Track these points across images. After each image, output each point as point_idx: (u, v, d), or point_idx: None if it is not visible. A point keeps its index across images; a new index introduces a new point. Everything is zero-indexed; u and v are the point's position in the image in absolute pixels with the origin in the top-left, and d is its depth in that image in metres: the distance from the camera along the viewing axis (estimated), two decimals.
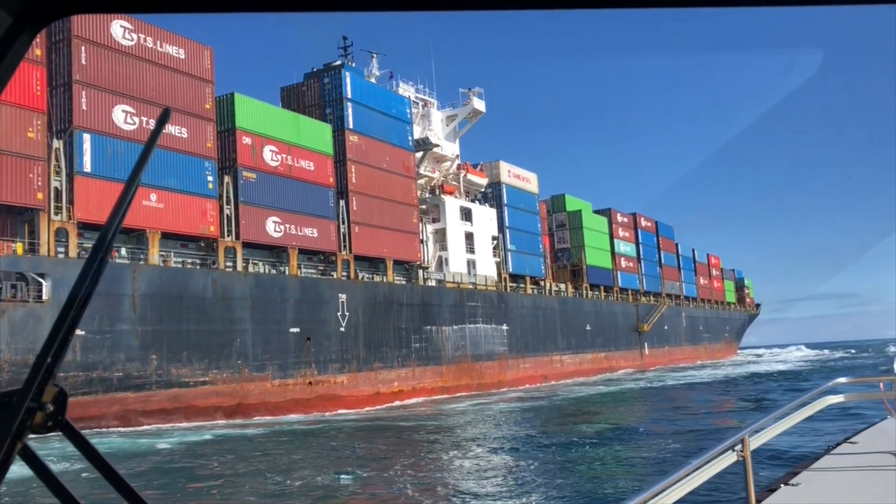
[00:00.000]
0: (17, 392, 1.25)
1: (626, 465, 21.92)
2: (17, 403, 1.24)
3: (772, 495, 7.60)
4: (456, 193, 66.51)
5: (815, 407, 9.24)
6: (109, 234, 1.34)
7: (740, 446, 6.41)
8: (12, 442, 1.23)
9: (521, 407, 46.15)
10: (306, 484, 20.46)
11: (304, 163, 47.15)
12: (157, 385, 37.04)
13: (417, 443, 30.73)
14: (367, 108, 53.32)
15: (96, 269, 1.33)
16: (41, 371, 1.26)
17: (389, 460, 24.73)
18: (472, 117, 70.64)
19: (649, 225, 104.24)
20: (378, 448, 29.44)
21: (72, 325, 1.29)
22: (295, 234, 45.96)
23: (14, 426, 1.23)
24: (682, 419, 34.44)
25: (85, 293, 1.31)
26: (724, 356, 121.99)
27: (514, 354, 66.70)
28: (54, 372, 1.27)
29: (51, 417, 1.29)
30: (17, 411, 1.24)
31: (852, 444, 10.46)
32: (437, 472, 22.33)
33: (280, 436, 33.64)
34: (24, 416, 1.24)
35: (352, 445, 30.35)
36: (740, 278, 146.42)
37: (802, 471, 8.81)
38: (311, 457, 26.66)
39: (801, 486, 7.95)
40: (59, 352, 1.28)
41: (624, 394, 54.82)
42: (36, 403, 1.26)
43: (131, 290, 36.49)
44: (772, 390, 48.15)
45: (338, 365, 47.72)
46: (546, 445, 26.82)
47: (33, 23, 1.37)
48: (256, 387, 42.10)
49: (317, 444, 30.53)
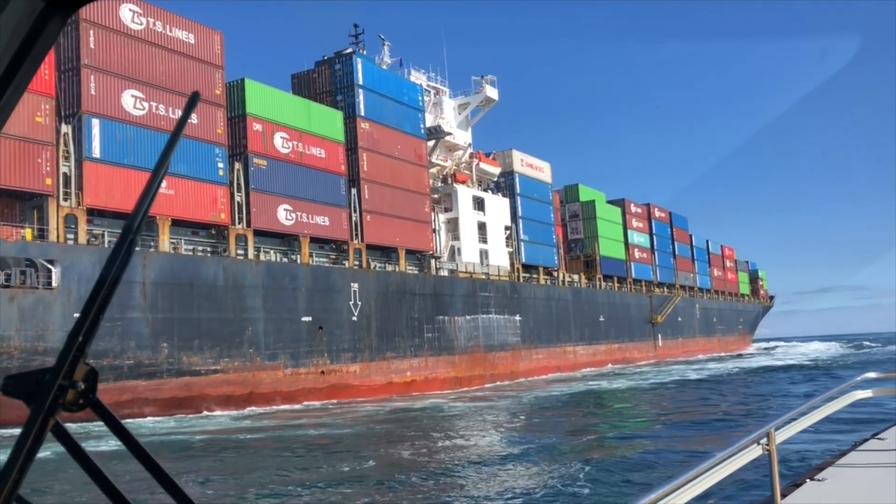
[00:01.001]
0: (49, 370, 1.27)
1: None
2: (50, 381, 1.27)
3: (797, 490, 7.45)
4: (468, 183, 65.79)
5: (842, 402, 9.03)
6: (138, 219, 1.36)
7: (766, 440, 6.38)
8: (45, 419, 1.26)
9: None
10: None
11: (316, 150, 46.56)
12: (168, 373, 36.61)
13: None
14: (379, 95, 52.65)
15: (126, 252, 1.36)
16: (73, 350, 1.28)
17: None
18: (484, 105, 69.84)
19: (663, 216, 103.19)
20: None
21: (102, 305, 1.33)
22: (306, 223, 45.41)
23: (47, 403, 1.26)
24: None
25: (115, 275, 1.35)
26: (737, 348, 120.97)
27: (527, 345, 66.06)
28: (85, 351, 1.29)
29: (82, 395, 1.31)
30: (49, 389, 1.26)
31: (880, 441, 10.13)
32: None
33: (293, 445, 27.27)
34: (56, 394, 1.27)
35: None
36: (754, 270, 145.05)
37: (828, 466, 8.60)
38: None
39: (827, 482, 7.77)
40: (90, 331, 1.30)
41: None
42: (68, 381, 1.28)
43: (142, 278, 36.03)
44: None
45: (350, 354, 47.21)
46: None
47: (64, 8, 1.37)
48: (268, 375, 41.64)
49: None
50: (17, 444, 1.26)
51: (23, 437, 1.25)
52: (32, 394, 1.29)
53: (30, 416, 1.26)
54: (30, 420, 1.26)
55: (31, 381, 1.30)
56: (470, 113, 69.69)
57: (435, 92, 66.90)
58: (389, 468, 20.64)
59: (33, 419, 1.26)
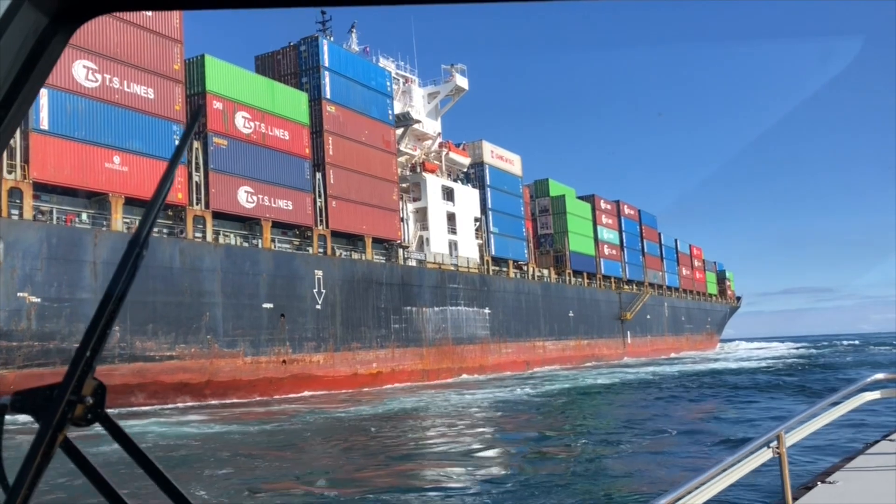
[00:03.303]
0: (57, 386, 1.28)
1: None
2: (58, 397, 1.27)
3: (808, 493, 7.47)
4: (437, 172, 64.59)
5: (852, 403, 8.97)
6: (144, 231, 1.34)
7: (776, 443, 6.37)
8: (54, 434, 1.26)
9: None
10: None
11: (279, 131, 45.02)
12: (121, 358, 34.77)
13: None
14: (346, 78, 51.22)
15: (132, 265, 1.34)
16: (80, 365, 1.28)
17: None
18: (454, 94, 68.70)
19: (632, 213, 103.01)
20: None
21: (109, 319, 1.32)
22: (268, 206, 43.82)
23: (55, 419, 1.26)
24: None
25: (122, 288, 1.34)
26: (705, 347, 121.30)
27: (496, 339, 64.99)
28: (93, 366, 1.30)
29: (90, 410, 1.31)
30: (57, 404, 1.27)
31: (891, 442, 10.20)
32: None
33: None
34: (64, 409, 1.27)
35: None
36: (721, 270, 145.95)
37: (839, 469, 8.65)
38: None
39: (838, 485, 7.78)
40: (98, 346, 1.30)
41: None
42: (76, 396, 1.29)
43: (92, 257, 34.21)
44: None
45: (314, 343, 45.67)
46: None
47: (69, 23, 1.37)
48: (227, 363, 39.95)
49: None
50: (26, 459, 1.24)
51: (32, 453, 1.24)
52: (41, 409, 1.27)
53: (38, 432, 1.25)
54: (39, 435, 1.25)
55: (39, 397, 1.29)
56: (440, 102, 68.53)
57: (404, 80, 65.62)
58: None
59: (42, 434, 1.25)
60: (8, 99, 1.33)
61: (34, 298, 31.66)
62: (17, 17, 1.28)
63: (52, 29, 1.35)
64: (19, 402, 1.30)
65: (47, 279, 32.29)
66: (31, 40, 1.33)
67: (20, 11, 1.29)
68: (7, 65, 1.31)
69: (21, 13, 1.29)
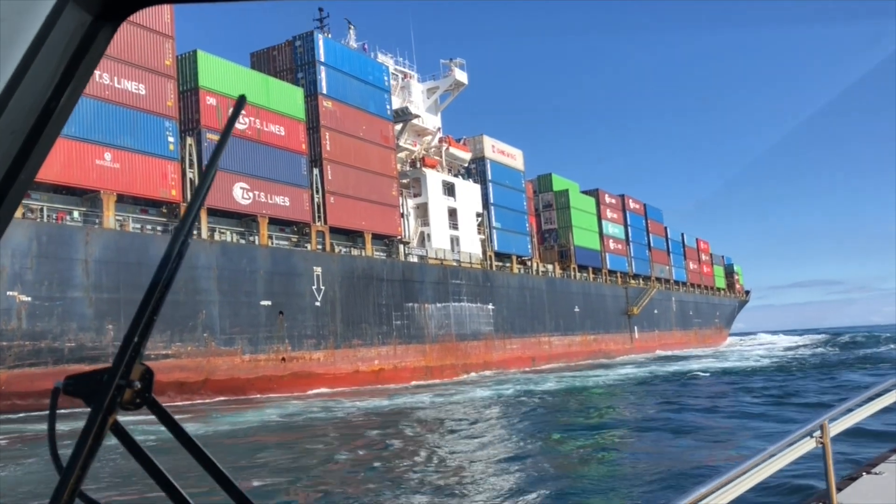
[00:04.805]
0: (107, 370, 1.33)
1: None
2: (108, 381, 1.32)
3: (853, 483, 7.39)
4: (438, 168, 63.97)
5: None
6: (189, 219, 1.40)
7: (819, 432, 6.29)
8: (104, 418, 1.30)
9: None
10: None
11: (275, 127, 44.50)
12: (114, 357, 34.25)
13: None
14: (342, 73, 50.68)
15: (178, 253, 1.40)
16: (129, 350, 1.33)
17: None
18: (454, 89, 68.02)
19: (638, 207, 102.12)
20: None
21: (156, 306, 1.37)
22: (265, 202, 43.31)
23: (105, 402, 1.31)
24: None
25: (168, 276, 1.38)
26: (714, 342, 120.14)
27: (500, 335, 64.31)
28: (141, 351, 1.34)
29: (139, 395, 1.35)
30: (107, 388, 1.31)
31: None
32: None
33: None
34: (114, 393, 1.31)
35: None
36: (729, 264, 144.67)
37: (885, 460, 8.54)
38: None
39: (884, 476, 7.70)
40: (145, 332, 1.35)
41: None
42: (125, 381, 1.33)
43: (84, 255, 33.78)
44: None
45: (313, 341, 45.12)
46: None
47: (112, 20, 1.40)
48: (224, 362, 39.48)
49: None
50: (78, 442, 1.29)
51: (83, 436, 1.29)
52: (92, 393, 1.31)
53: (90, 415, 1.30)
54: (90, 419, 1.30)
55: (90, 381, 1.33)
56: (439, 97, 67.90)
57: (403, 76, 65.05)
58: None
59: (93, 418, 1.29)
60: (54, 98, 1.33)
61: (24, 297, 31.23)
62: (63, 16, 1.30)
63: (96, 27, 1.36)
64: (71, 387, 1.33)
65: (38, 278, 31.84)
66: (76, 39, 1.35)
67: (65, 11, 1.30)
68: (53, 64, 1.32)
69: (66, 13, 1.31)
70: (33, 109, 1.32)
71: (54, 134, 1.37)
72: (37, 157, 1.35)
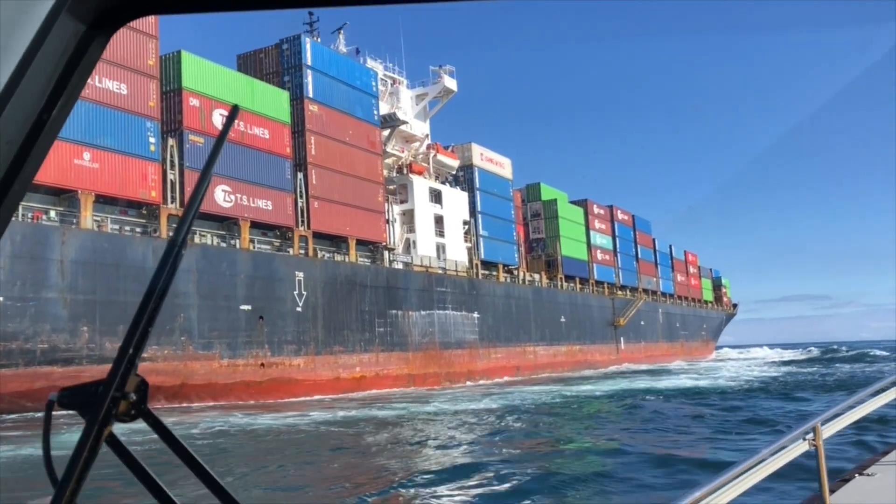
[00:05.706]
0: (102, 382, 1.33)
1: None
2: (103, 393, 1.32)
3: (846, 485, 7.41)
4: (425, 174, 63.65)
5: (889, 395, 8.78)
6: (184, 229, 1.41)
7: (812, 435, 6.29)
8: (99, 429, 1.31)
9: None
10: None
11: (259, 130, 44.11)
12: (89, 360, 33.75)
13: None
14: (329, 77, 50.35)
15: (172, 264, 1.40)
16: (124, 362, 1.33)
17: None
18: (443, 96, 67.84)
19: (626, 218, 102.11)
20: None
21: (151, 317, 1.37)
22: (247, 206, 42.87)
23: (101, 414, 1.31)
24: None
25: (162, 286, 1.39)
26: (701, 355, 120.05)
27: (485, 343, 63.92)
28: (136, 362, 1.33)
29: (133, 406, 1.35)
30: (102, 400, 1.31)
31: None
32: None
33: None
34: (109, 405, 1.32)
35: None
36: (717, 277, 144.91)
37: (876, 461, 8.56)
38: None
39: (876, 477, 7.74)
40: (140, 343, 1.35)
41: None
42: (120, 393, 1.33)
43: (59, 256, 33.24)
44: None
45: (294, 346, 44.63)
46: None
47: (105, 30, 1.40)
48: (202, 366, 38.93)
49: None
50: (73, 455, 1.29)
51: (79, 448, 1.29)
52: (86, 405, 1.32)
53: (84, 427, 1.30)
54: (85, 431, 1.30)
55: (84, 393, 1.33)
56: (428, 104, 67.66)
57: (392, 82, 64.79)
58: None
59: (88, 430, 1.29)
60: (48, 107, 1.33)
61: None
62: (56, 26, 1.30)
63: (90, 36, 1.37)
64: (65, 399, 1.32)
65: (10, 278, 31.28)
66: (70, 48, 1.34)
67: (59, 21, 1.30)
68: (47, 73, 1.32)
69: (60, 22, 1.30)
70: (27, 119, 1.29)
71: (48, 143, 1.35)
72: (31, 167, 1.30)
